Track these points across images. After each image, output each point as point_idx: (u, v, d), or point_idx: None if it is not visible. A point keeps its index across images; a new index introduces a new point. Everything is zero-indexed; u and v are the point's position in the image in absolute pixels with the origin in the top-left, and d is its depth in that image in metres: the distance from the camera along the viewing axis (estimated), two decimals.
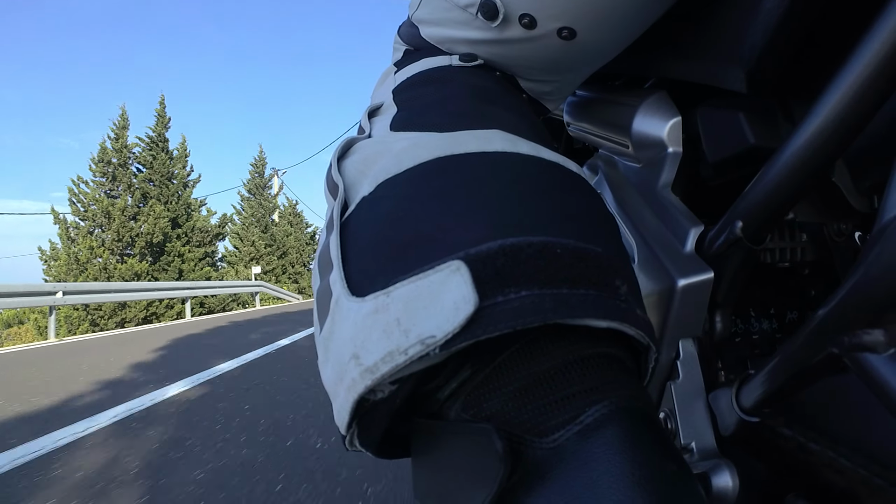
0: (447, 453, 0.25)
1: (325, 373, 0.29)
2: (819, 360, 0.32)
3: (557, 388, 0.24)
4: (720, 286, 0.47)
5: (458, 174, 0.30)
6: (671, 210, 0.53)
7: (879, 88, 0.28)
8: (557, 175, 0.32)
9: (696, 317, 0.47)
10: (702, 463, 0.43)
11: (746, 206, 0.41)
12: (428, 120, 0.39)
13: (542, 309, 0.23)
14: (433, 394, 0.28)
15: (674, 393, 0.47)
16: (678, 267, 0.47)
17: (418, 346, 0.23)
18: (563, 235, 0.27)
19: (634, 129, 0.60)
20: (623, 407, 0.24)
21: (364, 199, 0.32)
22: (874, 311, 0.28)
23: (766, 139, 0.46)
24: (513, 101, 0.45)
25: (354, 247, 0.29)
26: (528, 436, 0.23)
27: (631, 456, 0.22)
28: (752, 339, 0.54)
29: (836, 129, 0.32)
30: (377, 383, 0.24)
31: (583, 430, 0.23)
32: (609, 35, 0.46)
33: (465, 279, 0.23)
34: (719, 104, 0.51)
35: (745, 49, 0.40)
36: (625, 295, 0.27)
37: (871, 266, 0.27)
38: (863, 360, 0.29)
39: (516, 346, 0.26)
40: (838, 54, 0.31)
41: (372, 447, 0.30)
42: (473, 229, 0.26)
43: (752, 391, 0.41)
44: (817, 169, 0.35)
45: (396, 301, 0.24)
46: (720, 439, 0.45)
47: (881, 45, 0.27)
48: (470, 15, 0.47)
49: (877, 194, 0.44)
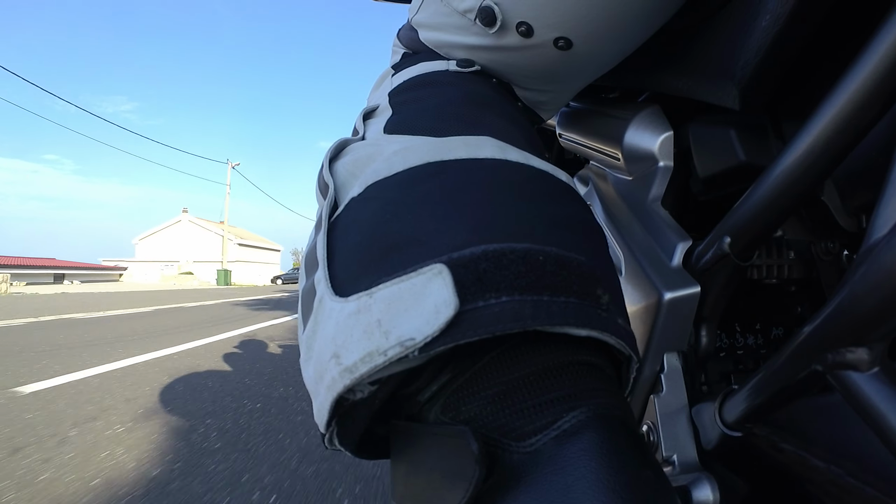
0: (424, 455, 0.25)
1: (306, 371, 0.29)
2: (803, 376, 0.33)
3: (536, 394, 0.24)
4: (706, 301, 0.47)
5: (445, 179, 0.30)
6: (660, 224, 0.53)
7: (870, 108, 0.29)
8: (545, 184, 0.32)
9: (682, 331, 0.47)
10: (683, 476, 0.43)
11: (735, 223, 0.41)
12: (421, 124, 0.39)
13: (522, 315, 0.23)
14: (413, 396, 0.28)
15: (657, 406, 0.47)
16: (665, 280, 0.47)
17: (398, 347, 0.22)
18: (546, 243, 0.27)
19: (626, 142, 0.61)
20: (600, 414, 0.24)
21: (353, 200, 0.32)
22: (859, 330, 0.28)
23: (756, 156, 0.47)
24: (507, 108, 0.45)
25: (340, 247, 0.29)
26: (505, 439, 0.23)
27: (607, 462, 0.22)
28: (737, 355, 0.54)
29: (826, 149, 0.32)
30: (356, 383, 0.24)
31: (560, 436, 0.23)
32: (605, 47, 0.47)
33: (446, 283, 0.23)
34: (711, 120, 0.52)
35: (739, 66, 0.40)
36: (606, 304, 0.27)
37: (857, 285, 0.27)
38: (846, 377, 0.29)
39: (496, 352, 0.26)
40: (830, 74, 0.31)
41: (351, 447, 0.30)
42: (457, 234, 0.26)
43: (736, 406, 0.41)
44: (806, 187, 0.35)
45: (378, 302, 0.24)
46: (702, 453, 0.45)
47: (873, 67, 0.28)
48: (468, 21, 0.47)
49: (865, 214, 0.45)
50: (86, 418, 1.89)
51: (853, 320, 0.28)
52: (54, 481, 1.31)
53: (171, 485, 1.30)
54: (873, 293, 0.26)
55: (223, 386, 2.45)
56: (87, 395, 2.24)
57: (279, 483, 1.33)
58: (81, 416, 1.91)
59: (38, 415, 1.92)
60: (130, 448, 1.57)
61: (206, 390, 2.36)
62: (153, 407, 2.06)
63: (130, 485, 1.30)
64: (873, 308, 0.26)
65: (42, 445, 1.59)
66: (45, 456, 1.50)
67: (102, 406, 2.06)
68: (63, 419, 1.87)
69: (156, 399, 2.19)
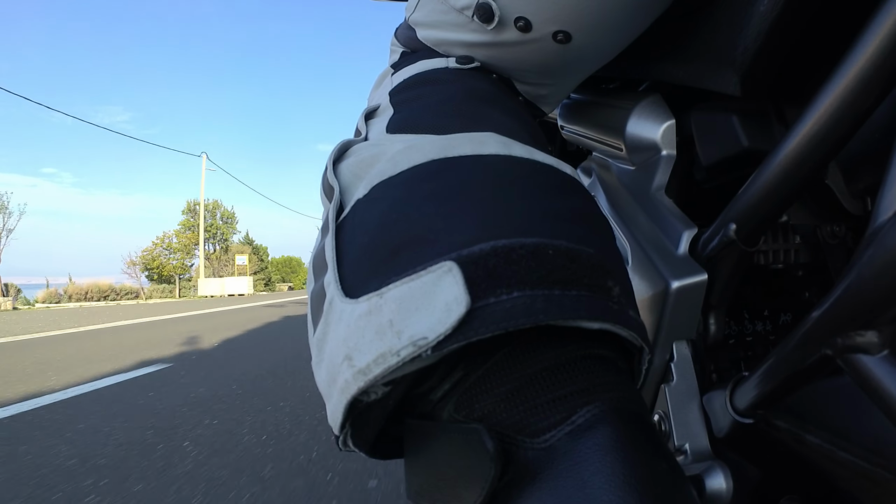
0: (439, 454, 0.25)
1: (318, 374, 0.29)
2: (813, 361, 0.32)
3: (549, 389, 0.24)
4: (714, 288, 0.47)
5: (451, 177, 0.30)
6: (665, 212, 0.53)
7: (872, 91, 0.29)
8: (551, 177, 0.32)
9: (690, 319, 0.47)
10: (695, 465, 0.43)
11: (740, 209, 0.41)
12: (423, 122, 0.39)
13: (534, 310, 0.23)
14: (426, 395, 0.28)
15: (668, 395, 0.47)
16: (672, 269, 0.47)
17: (410, 347, 0.22)
18: (555, 237, 0.26)
19: (628, 131, 0.61)
20: (615, 408, 0.24)
21: (359, 202, 0.32)
22: (867, 313, 0.28)
23: (759, 142, 0.47)
24: (508, 103, 0.45)
25: (349, 249, 0.29)
26: (519, 436, 0.23)
27: (622, 456, 0.22)
28: (746, 341, 0.54)
29: (829, 132, 0.32)
30: (370, 385, 0.24)
31: (574, 431, 0.23)
32: (604, 39, 0.46)
33: (457, 280, 0.23)
34: (713, 107, 0.51)
35: (739, 52, 0.40)
36: (617, 296, 0.27)
37: (865, 268, 0.27)
38: (856, 361, 0.29)
39: (508, 348, 0.26)
40: (831, 57, 0.31)
41: (365, 448, 0.30)
42: (466, 231, 0.26)
43: (746, 393, 0.41)
44: (810, 171, 0.35)
45: (389, 302, 0.24)
46: (714, 441, 0.45)
47: (874, 49, 0.28)
48: (466, 18, 0.47)
49: (870, 196, 0.44)
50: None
51: (861, 303, 0.28)
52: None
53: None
54: (881, 276, 0.26)
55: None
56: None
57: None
58: None
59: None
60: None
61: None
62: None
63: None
64: (881, 290, 0.26)
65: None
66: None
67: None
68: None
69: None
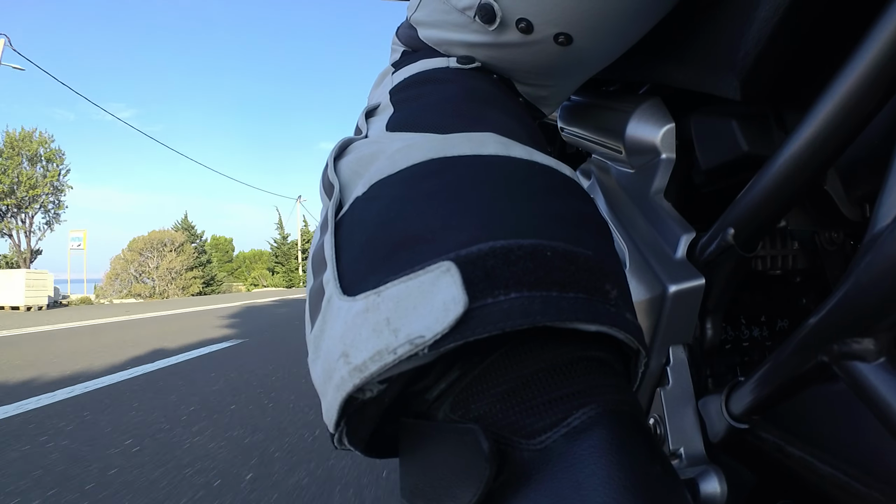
0: (434, 453, 0.25)
1: (314, 371, 0.29)
2: (809, 367, 0.32)
3: (545, 391, 0.24)
4: (711, 293, 0.47)
5: (450, 176, 0.30)
6: (663, 216, 0.53)
7: (872, 98, 0.29)
8: (550, 179, 0.32)
9: (687, 323, 0.47)
10: (690, 469, 0.43)
11: (738, 214, 0.41)
12: (423, 121, 0.39)
13: (531, 311, 0.23)
14: (422, 394, 0.27)
15: (663, 399, 0.47)
16: (669, 273, 0.47)
17: (407, 345, 0.22)
18: (553, 238, 0.26)
19: (628, 134, 0.60)
20: (611, 410, 0.24)
21: (358, 200, 0.32)
22: (864, 320, 0.28)
23: (758, 147, 0.47)
24: (508, 104, 0.45)
25: (347, 247, 0.29)
26: (515, 437, 0.23)
27: (618, 459, 0.22)
28: (743, 347, 0.54)
29: (829, 138, 0.32)
30: (365, 382, 0.24)
31: (570, 433, 0.23)
32: (605, 41, 0.46)
33: (454, 280, 0.23)
34: (713, 111, 0.51)
35: (740, 57, 0.40)
36: (615, 299, 0.27)
37: (862, 275, 0.27)
38: (852, 368, 0.29)
39: (505, 348, 0.26)
40: (832, 63, 0.31)
41: (360, 446, 0.30)
42: (464, 231, 0.26)
43: (742, 398, 0.41)
44: (809, 177, 0.35)
45: (387, 301, 0.24)
46: (709, 446, 0.45)
47: (874, 55, 0.28)
48: (468, 18, 0.46)
49: (868, 203, 0.44)
50: None
51: (859, 310, 0.28)
52: None
53: None
54: (878, 283, 0.26)
55: None
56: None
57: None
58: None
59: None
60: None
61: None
62: None
63: None
64: (879, 298, 0.26)
65: None
66: None
67: None
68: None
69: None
